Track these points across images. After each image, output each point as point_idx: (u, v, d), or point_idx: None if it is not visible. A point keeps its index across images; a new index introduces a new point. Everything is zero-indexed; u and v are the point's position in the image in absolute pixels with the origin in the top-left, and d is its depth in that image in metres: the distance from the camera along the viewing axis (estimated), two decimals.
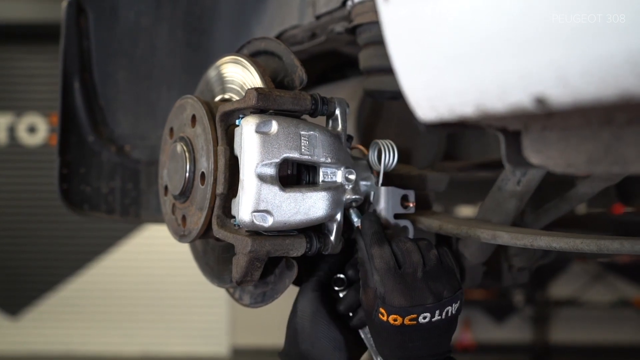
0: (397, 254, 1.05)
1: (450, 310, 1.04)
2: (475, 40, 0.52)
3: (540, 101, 0.50)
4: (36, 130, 7.67)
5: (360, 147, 1.23)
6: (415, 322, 1.02)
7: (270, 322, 7.13)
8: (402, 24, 0.58)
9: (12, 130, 7.68)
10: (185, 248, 1.34)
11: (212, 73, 1.25)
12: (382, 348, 1.07)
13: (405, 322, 1.01)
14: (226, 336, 7.56)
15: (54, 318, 7.50)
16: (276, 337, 7.10)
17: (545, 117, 0.64)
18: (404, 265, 1.04)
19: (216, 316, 7.55)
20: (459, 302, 1.06)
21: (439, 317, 1.03)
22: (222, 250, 1.23)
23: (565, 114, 0.62)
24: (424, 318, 1.02)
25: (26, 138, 7.69)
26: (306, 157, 1.04)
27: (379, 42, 1.33)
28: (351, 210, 1.12)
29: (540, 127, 0.66)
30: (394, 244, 1.07)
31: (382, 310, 1.03)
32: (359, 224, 1.12)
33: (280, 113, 1.05)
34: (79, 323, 7.49)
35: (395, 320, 1.02)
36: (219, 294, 7.41)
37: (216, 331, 7.56)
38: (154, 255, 7.53)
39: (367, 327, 1.13)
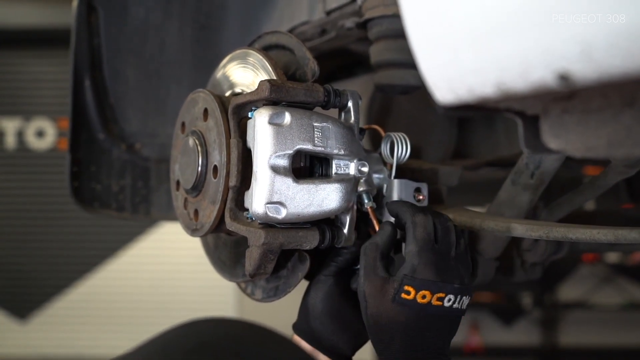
0: (436, 228, 1.04)
1: (463, 302, 1.04)
2: (496, 15, 0.51)
3: (564, 78, 0.49)
4: (44, 134, 7.70)
5: (377, 127, 1.23)
6: (441, 304, 1.00)
7: (278, 323, 7.12)
8: (420, 2, 0.58)
9: (20, 135, 7.71)
10: (192, 251, 1.34)
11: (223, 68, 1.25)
12: (392, 342, 1.02)
13: (432, 302, 1.00)
14: None
15: (62, 321, 7.51)
16: None
17: (565, 100, 0.63)
18: (441, 241, 1.03)
19: None
20: (469, 298, 1.05)
21: (458, 306, 1.02)
22: (234, 245, 1.22)
23: (586, 96, 0.61)
24: (449, 301, 1.01)
25: (34, 142, 7.72)
26: (319, 148, 1.03)
27: (390, 36, 1.33)
28: (363, 195, 1.12)
29: (560, 110, 0.66)
30: (436, 219, 1.06)
31: (408, 288, 1.00)
32: (370, 205, 1.13)
33: (293, 105, 1.05)
34: (87, 326, 7.49)
35: (423, 297, 0.99)
36: (226, 297, 7.40)
37: None
38: (162, 259, 7.54)
39: None
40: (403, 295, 1.00)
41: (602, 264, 6.95)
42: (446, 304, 1.01)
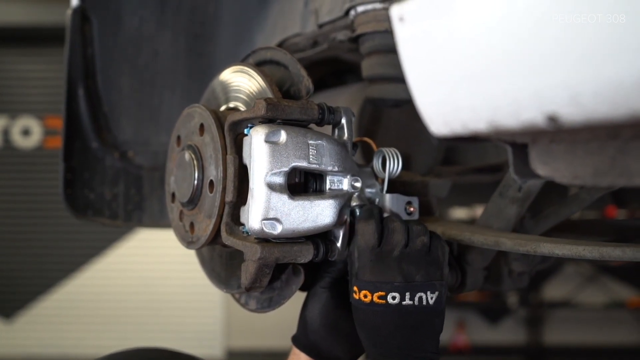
0: (383, 231, 1.07)
1: (424, 298, 1.04)
2: (489, 59, 0.54)
3: (553, 119, 0.52)
4: (30, 133, 7.67)
5: (368, 140, 1.26)
6: (384, 301, 1.04)
7: (265, 325, 7.16)
8: (417, 43, 0.61)
9: (6, 134, 7.67)
10: (179, 251, 1.36)
11: (218, 82, 1.27)
12: (360, 334, 1.10)
13: (374, 300, 1.04)
14: (221, 339, 7.57)
15: (48, 321, 7.49)
16: (271, 340, 7.13)
17: (553, 132, 0.66)
18: (384, 242, 1.06)
19: (211, 319, 7.55)
20: (437, 293, 1.06)
21: (410, 302, 1.04)
22: (228, 257, 1.25)
23: (574, 130, 0.64)
24: (393, 298, 1.03)
25: (20, 141, 7.68)
26: (314, 165, 1.06)
27: (381, 50, 1.35)
28: (356, 209, 1.14)
29: (548, 140, 0.69)
30: (384, 221, 1.09)
31: (355, 288, 1.07)
32: None
33: (288, 122, 1.07)
34: (73, 326, 7.48)
35: (365, 296, 1.05)
36: (213, 297, 7.42)
37: (211, 334, 7.56)
38: (148, 258, 7.53)
39: None
40: (354, 295, 1.08)
41: (586, 264, 7.03)
42: (391, 302, 1.03)
